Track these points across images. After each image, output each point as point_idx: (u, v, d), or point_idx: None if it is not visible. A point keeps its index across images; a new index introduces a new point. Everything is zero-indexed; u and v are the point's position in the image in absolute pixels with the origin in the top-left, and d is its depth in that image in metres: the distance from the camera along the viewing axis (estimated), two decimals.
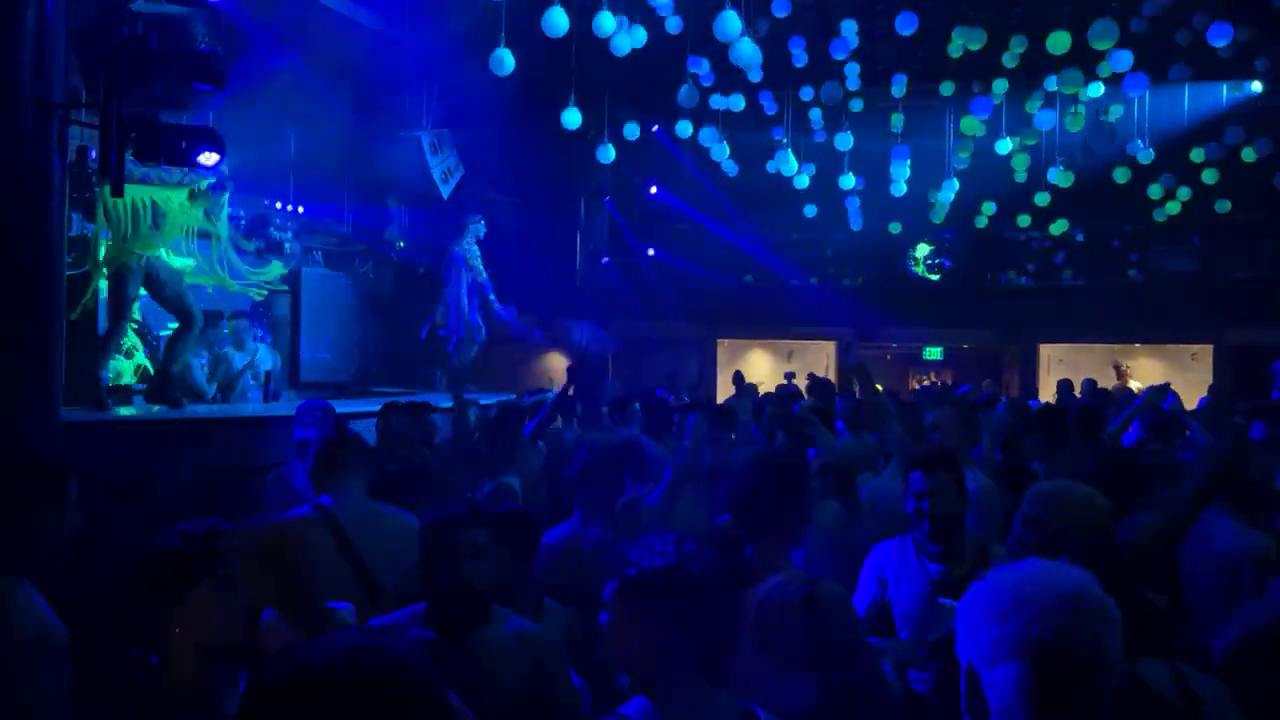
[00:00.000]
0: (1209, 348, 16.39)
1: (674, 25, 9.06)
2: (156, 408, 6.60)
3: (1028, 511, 2.64)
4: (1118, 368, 16.81)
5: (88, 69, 5.01)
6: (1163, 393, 5.83)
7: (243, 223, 9.45)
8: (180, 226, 6.70)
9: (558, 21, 7.91)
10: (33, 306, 4.18)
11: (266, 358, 8.33)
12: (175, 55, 4.37)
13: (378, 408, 5.88)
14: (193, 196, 6.74)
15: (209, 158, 4.79)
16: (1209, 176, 12.88)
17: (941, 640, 2.75)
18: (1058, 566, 1.54)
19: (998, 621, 1.46)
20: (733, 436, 6.45)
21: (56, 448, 4.15)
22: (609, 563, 2.09)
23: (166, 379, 6.70)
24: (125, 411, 6.38)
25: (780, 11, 9.54)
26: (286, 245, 10.01)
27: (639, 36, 8.59)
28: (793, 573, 2.66)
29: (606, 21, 8.21)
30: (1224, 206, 13.64)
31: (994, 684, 1.46)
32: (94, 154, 5.73)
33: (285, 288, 10.12)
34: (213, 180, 6.84)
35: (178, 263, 6.86)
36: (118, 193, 4.66)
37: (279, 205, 10.07)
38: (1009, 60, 10.90)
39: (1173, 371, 16.58)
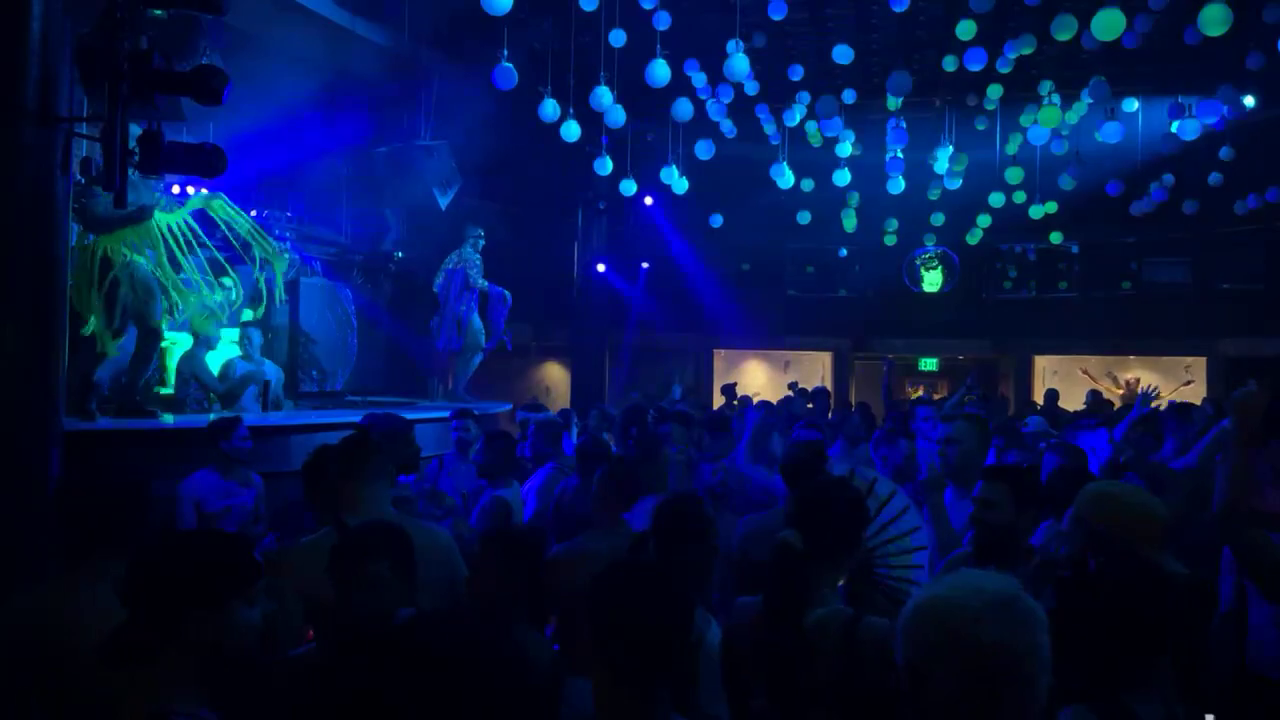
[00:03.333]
0: (1203, 360, 16.48)
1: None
2: (170, 418, 6.61)
3: (1080, 514, 2.66)
4: (1117, 380, 16.89)
5: (91, 82, 5.05)
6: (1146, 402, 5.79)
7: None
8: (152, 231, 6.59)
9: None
10: (36, 317, 4.22)
11: (269, 370, 8.35)
12: (179, 71, 4.42)
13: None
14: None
15: (210, 171, 4.83)
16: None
17: None
18: (988, 574, 1.69)
19: (940, 624, 1.57)
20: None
21: (58, 458, 4.19)
22: None
23: (130, 392, 6.61)
24: (124, 421, 6.38)
25: (776, 14, 9.61)
26: (285, 255, 10.04)
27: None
28: (838, 606, 2.57)
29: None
30: (1218, 219, 13.76)
31: (935, 685, 1.56)
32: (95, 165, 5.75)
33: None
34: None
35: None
36: (121, 205, 4.70)
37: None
38: (1003, 66, 10.95)
39: (1167, 383, 16.67)
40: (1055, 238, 15.09)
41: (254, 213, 9.37)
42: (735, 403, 12.30)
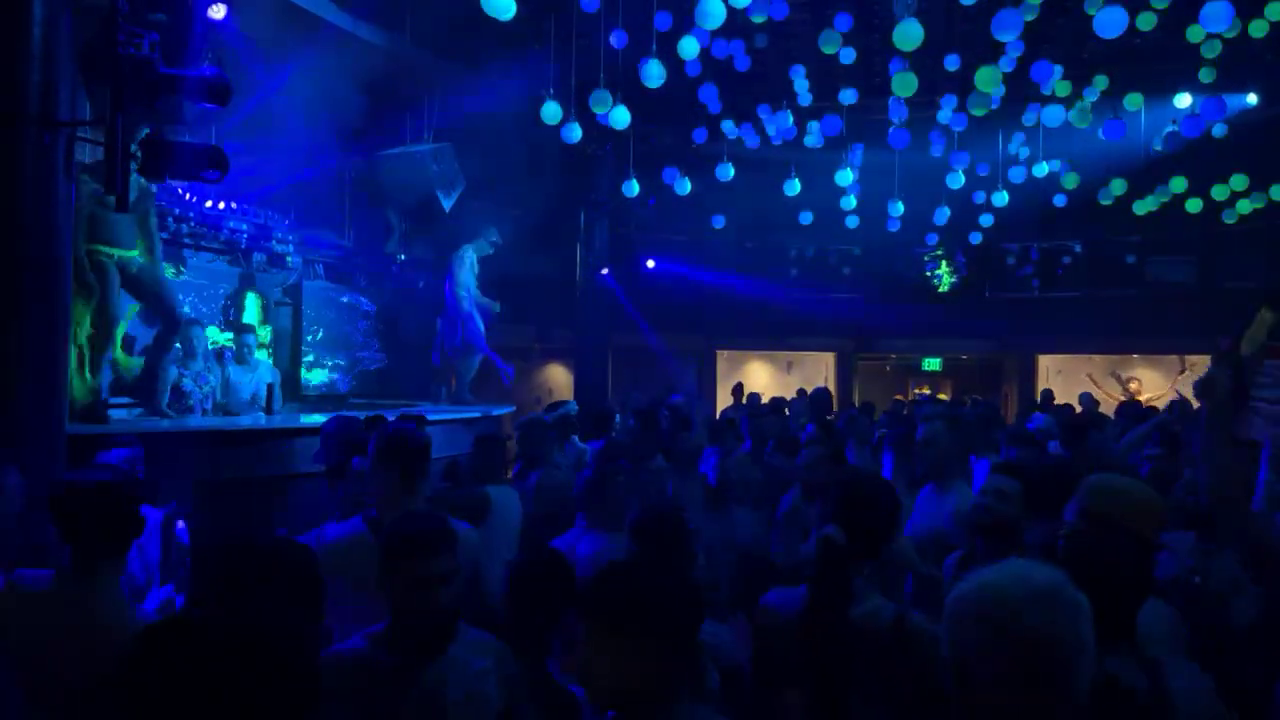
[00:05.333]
0: (1208, 359, 16.44)
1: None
2: (166, 421, 6.58)
3: (1083, 503, 2.67)
4: (1121, 380, 16.88)
5: (94, 87, 5.06)
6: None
7: (245, 236, 9.51)
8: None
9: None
10: (39, 321, 4.23)
11: (267, 372, 8.35)
12: (181, 75, 4.43)
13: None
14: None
15: (213, 174, 4.84)
16: (1218, 192, 13.01)
17: None
18: (1034, 565, 1.67)
19: (984, 616, 1.57)
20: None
21: (62, 461, 4.20)
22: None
23: (152, 387, 6.59)
24: (123, 424, 6.36)
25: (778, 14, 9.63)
26: (288, 258, 10.06)
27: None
28: (879, 601, 2.55)
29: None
30: (1230, 217, 13.72)
31: (979, 673, 1.56)
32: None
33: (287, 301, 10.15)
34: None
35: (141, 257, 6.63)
36: (123, 208, 4.71)
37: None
38: (1007, 65, 10.92)
39: (1167, 381, 16.68)
40: (1063, 191, 14.68)
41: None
42: (744, 402, 12.33)
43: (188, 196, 8.78)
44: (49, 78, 4.38)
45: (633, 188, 12.08)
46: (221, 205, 9.16)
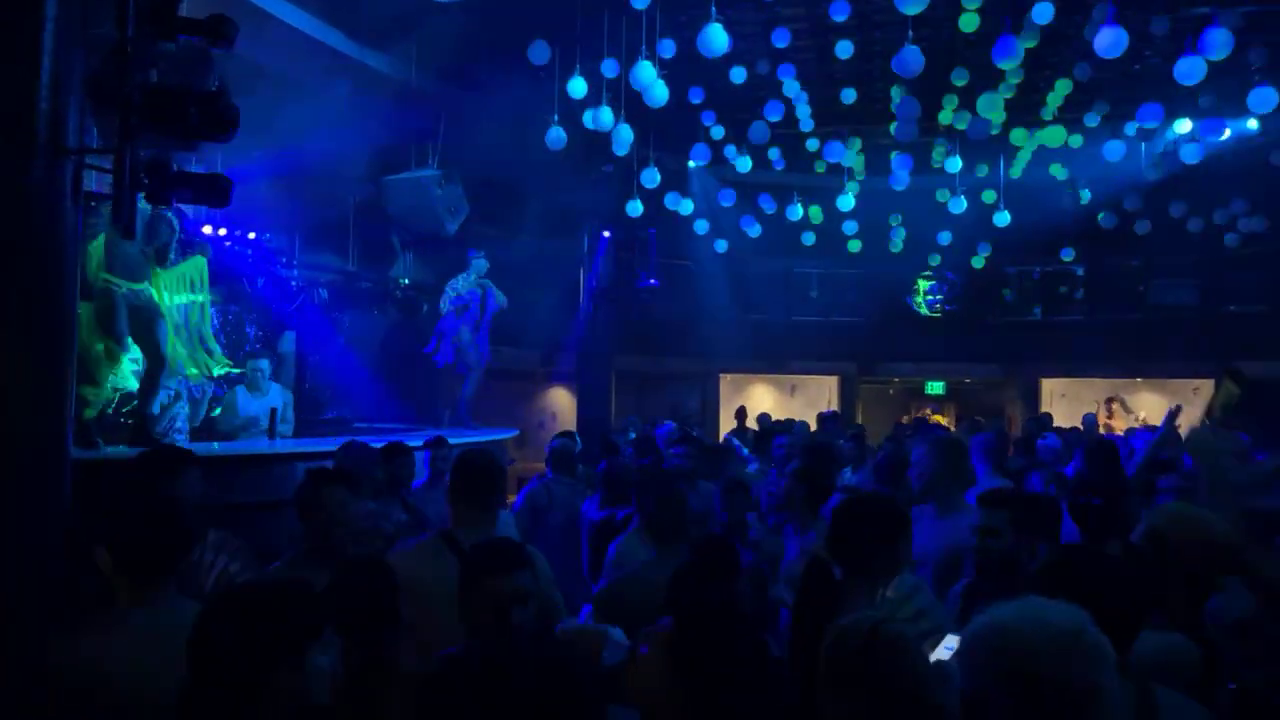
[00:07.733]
0: (1211, 382, 16.41)
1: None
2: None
3: (1154, 528, 2.68)
4: (1111, 403, 16.88)
5: (101, 114, 5.09)
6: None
7: (249, 261, 9.54)
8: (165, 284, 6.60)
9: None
10: (45, 347, 4.24)
11: (276, 397, 8.33)
12: (189, 104, 4.46)
13: (382, 444, 5.91)
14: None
15: (218, 200, 4.85)
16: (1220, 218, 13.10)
17: None
18: (1054, 604, 1.60)
19: (999, 655, 1.51)
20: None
21: (67, 490, 4.19)
22: None
23: (142, 422, 6.58)
24: (119, 450, 6.34)
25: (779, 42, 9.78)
26: (292, 282, 10.10)
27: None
28: (870, 613, 2.55)
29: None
30: (1232, 240, 13.77)
31: (991, 715, 1.51)
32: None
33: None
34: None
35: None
36: (129, 235, 4.74)
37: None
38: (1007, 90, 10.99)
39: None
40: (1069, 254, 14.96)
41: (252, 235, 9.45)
42: (749, 424, 12.36)
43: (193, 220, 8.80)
44: (58, 106, 4.41)
45: (636, 208, 12.14)
46: (223, 231, 9.18)
